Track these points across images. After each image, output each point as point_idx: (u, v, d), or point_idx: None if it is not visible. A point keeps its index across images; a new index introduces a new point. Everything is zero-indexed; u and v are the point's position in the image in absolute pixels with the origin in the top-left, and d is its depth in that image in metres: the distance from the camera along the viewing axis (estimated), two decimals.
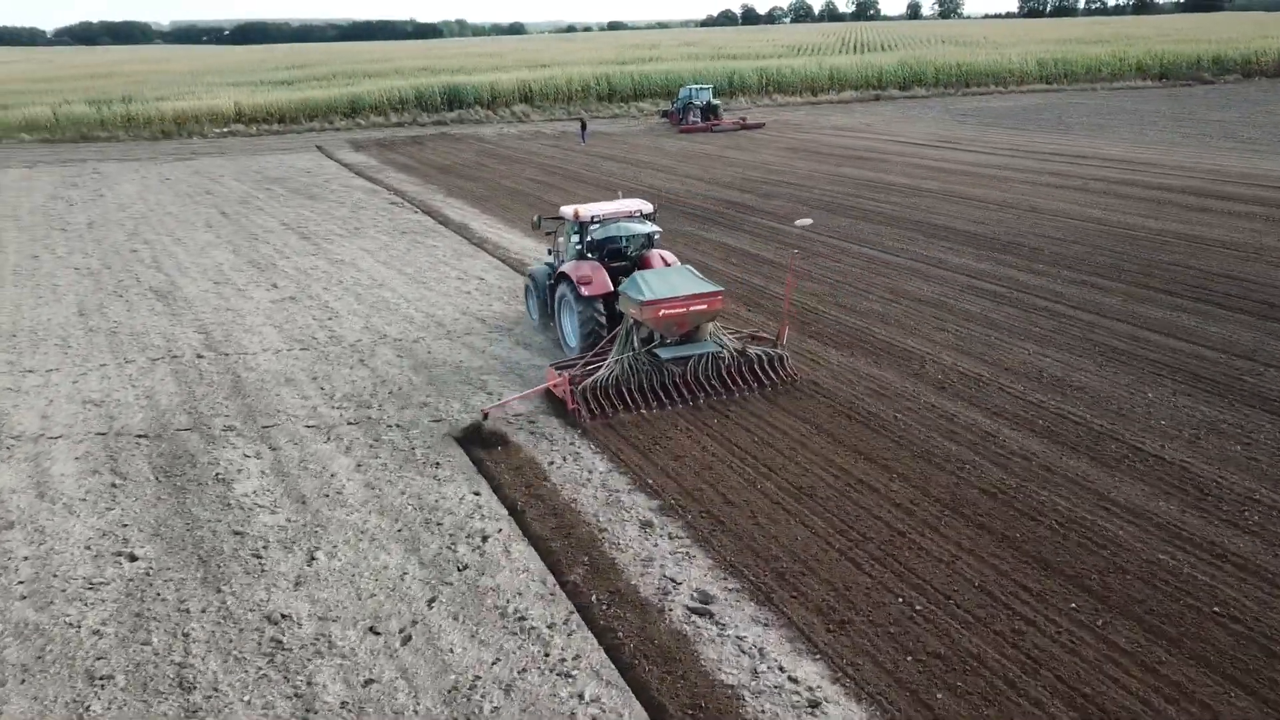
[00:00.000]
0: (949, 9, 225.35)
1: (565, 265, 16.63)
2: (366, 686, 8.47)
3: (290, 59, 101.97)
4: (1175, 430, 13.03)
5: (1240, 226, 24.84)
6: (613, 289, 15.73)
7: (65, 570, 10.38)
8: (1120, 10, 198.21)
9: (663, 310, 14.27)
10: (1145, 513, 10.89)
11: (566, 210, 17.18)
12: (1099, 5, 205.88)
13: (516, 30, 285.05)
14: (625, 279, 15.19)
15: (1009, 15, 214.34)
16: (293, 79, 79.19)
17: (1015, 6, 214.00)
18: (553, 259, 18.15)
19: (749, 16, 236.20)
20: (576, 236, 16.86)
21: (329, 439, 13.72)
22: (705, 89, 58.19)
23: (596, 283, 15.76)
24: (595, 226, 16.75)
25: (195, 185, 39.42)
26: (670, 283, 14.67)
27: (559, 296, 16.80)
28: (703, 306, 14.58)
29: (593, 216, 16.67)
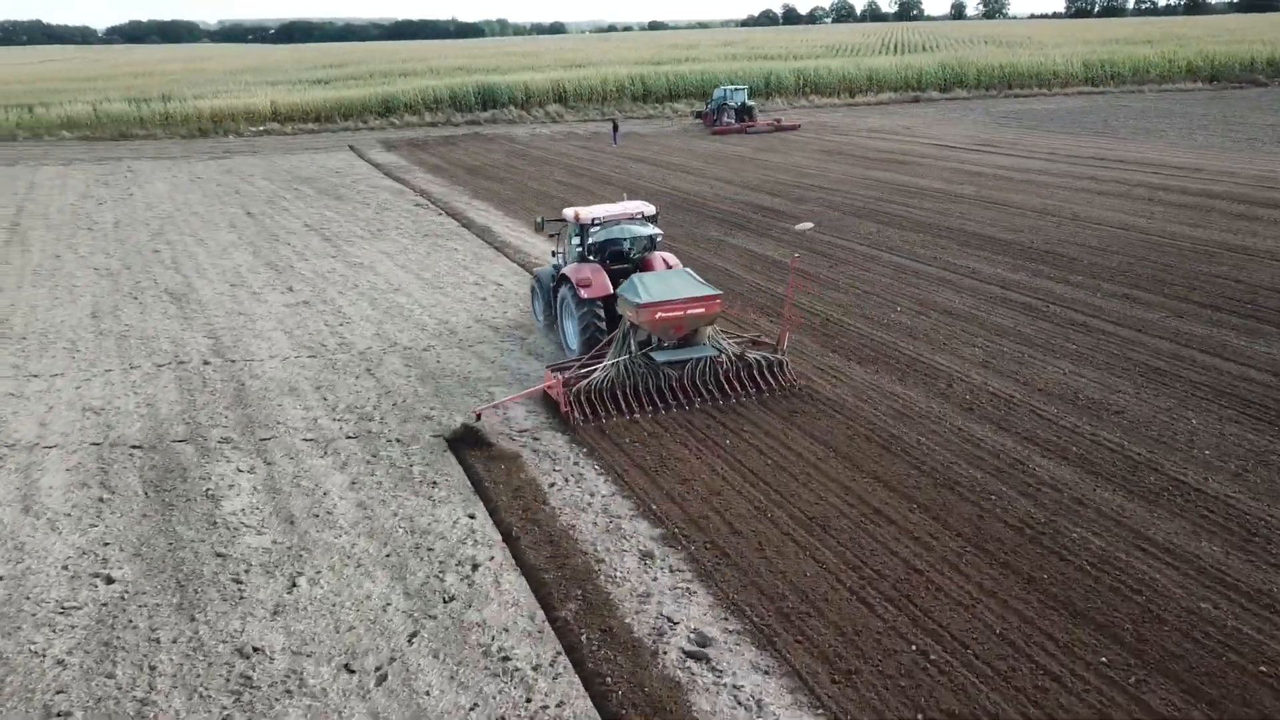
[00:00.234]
0: (993, 9, 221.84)
1: (566, 267, 16.50)
2: None
3: (329, 58, 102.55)
4: (1220, 461, 12.16)
5: None
6: (613, 291, 15.48)
7: (39, 592, 9.97)
8: (1171, 10, 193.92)
9: (659, 313, 14.10)
10: (1186, 554, 10.07)
11: (568, 212, 17.08)
12: (1149, 5, 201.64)
13: (557, 30, 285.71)
14: (624, 281, 14.99)
15: (1055, 15, 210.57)
16: (329, 78, 79.50)
17: (1062, 6, 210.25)
18: (558, 260, 17.98)
19: (790, 16, 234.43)
20: (577, 239, 16.75)
21: (326, 453, 13.24)
22: (740, 90, 57.40)
23: (596, 285, 15.58)
24: (596, 229, 16.61)
25: (225, 184, 39.41)
26: (668, 285, 14.49)
27: (560, 298, 16.64)
28: (700, 310, 14.35)
29: (593, 219, 16.56)
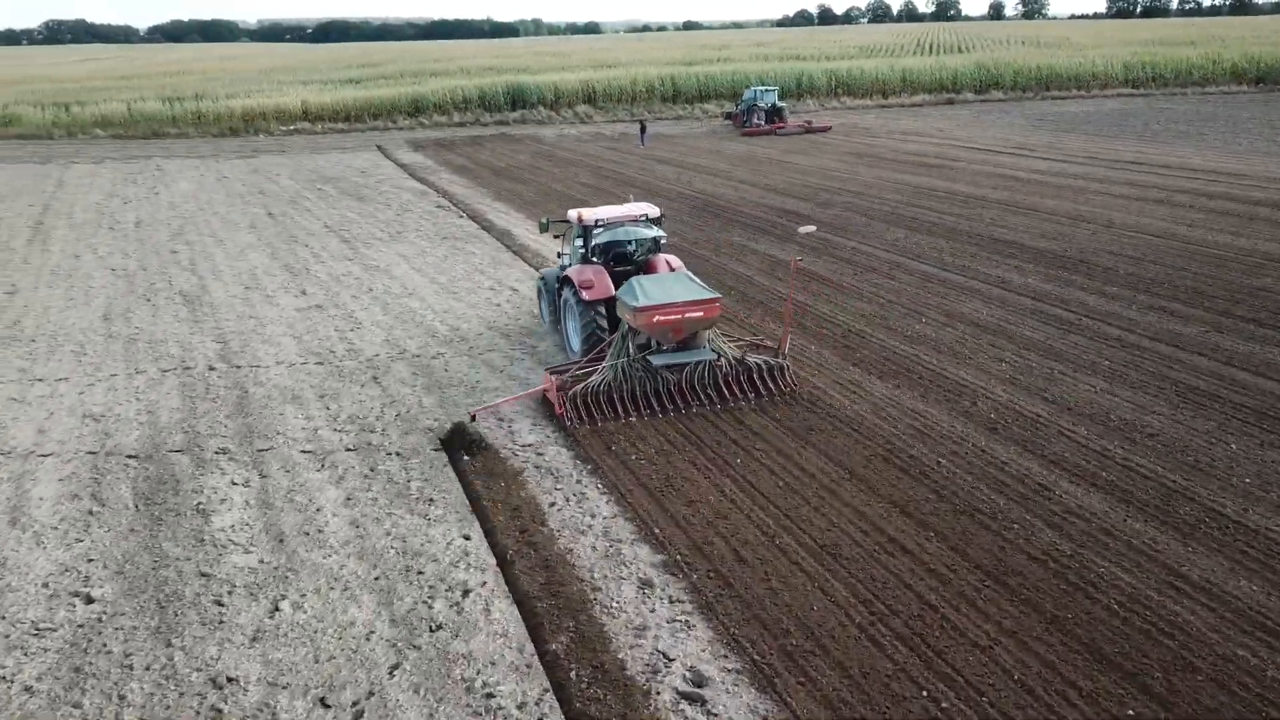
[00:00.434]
0: (1033, 9, 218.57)
1: (569, 269, 16.45)
2: None
3: (361, 58, 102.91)
4: (1262, 490, 11.42)
5: None
6: (614, 293, 15.30)
7: (15, 612, 9.64)
8: (1215, 10, 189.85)
9: (657, 316, 14.01)
10: (1223, 594, 9.38)
11: (571, 214, 17.12)
12: (1193, 5, 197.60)
13: (592, 30, 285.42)
14: (623, 284, 14.93)
15: (1096, 15, 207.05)
16: (361, 77, 79.63)
17: (1103, 6, 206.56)
18: (565, 261, 17.93)
19: (825, 17, 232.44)
20: (580, 240, 16.74)
21: (323, 466, 12.85)
22: (771, 90, 56.66)
23: (598, 287, 15.50)
24: (599, 230, 16.50)
25: (250, 184, 39.37)
26: (667, 288, 14.40)
27: (563, 300, 16.59)
28: (699, 314, 14.22)
29: (596, 220, 16.52)
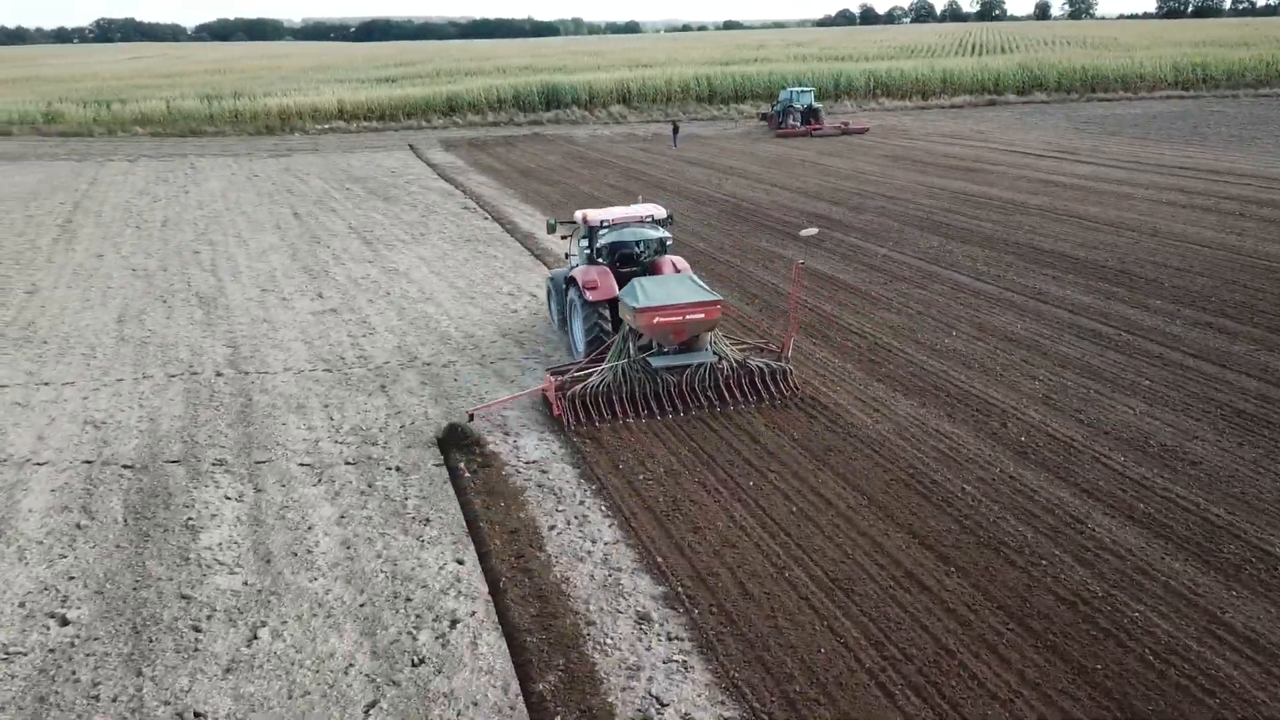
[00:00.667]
0: (1080, 9, 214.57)
1: (575, 270, 16.46)
2: None
3: (399, 56, 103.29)
4: None
5: None
6: (618, 294, 15.23)
7: None
8: (1271, 10, 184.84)
9: (657, 318, 13.93)
10: (1270, 646, 8.61)
11: (578, 214, 17.15)
12: (1246, 5, 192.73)
13: (631, 29, 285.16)
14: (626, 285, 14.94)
15: (1146, 15, 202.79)
16: (397, 76, 79.81)
17: (1153, 6, 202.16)
18: (575, 262, 17.78)
19: (868, 16, 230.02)
20: (586, 241, 16.76)
21: (320, 481, 12.42)
22: (807, 91, 55.78)
23: (602, 288, 15.45)
24: (604, 231, 16.51)
25: (279, 183, 39.33)
26: (668, 290, 14.34)
27: (568, 301, 16.58)
28: (700, 315, 14.11)
29: (602, 221, 16.56)
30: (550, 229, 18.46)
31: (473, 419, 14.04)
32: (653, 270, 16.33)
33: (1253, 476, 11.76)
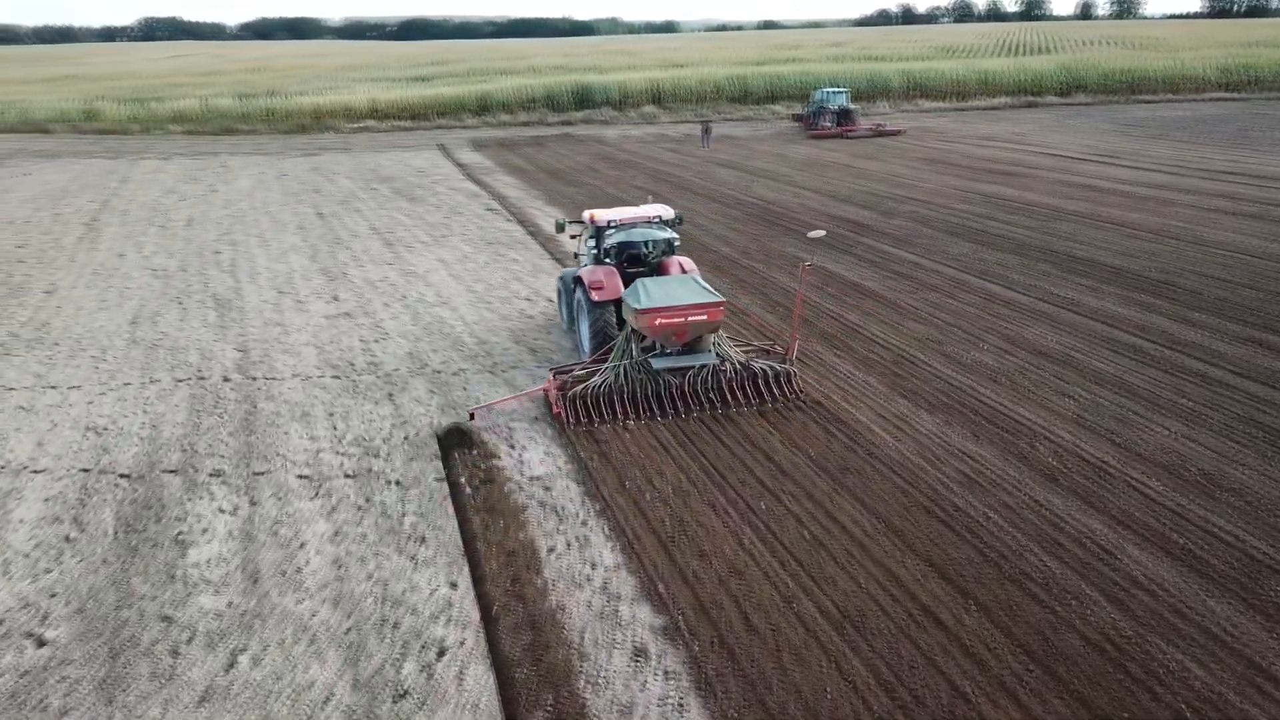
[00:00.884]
0: (1125, 9, 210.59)
1: (582, 270, 16.51)
2: None
3: (434, 55, 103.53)
4: None
5: None
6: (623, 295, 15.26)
7: None
8: None
9: (659, 319, 13.89)
10: None
11: (585, 215, 17.27)
12: None
13: (669, 29, 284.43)
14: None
15: (1193, 15, 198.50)
16: (430, 75, 79.94)
17: (1201, 6, 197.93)
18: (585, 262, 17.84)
19: (908, 16, 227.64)
20: (593, 241, 16.89)
21: (317, 495, 12.04)
22: (841, 92, 54.95)
23: (608, 288, 15.47)
24: (612, 231, 16.55)
25: (307, 182, 39.29)
26: (670, 291, 14.28)
27: (575, 301, 16.67)
28: (702, 317, 14.06)
29: (609, 221, 16.67)
30: (559, 229, 18.55)
31: (474, 418, 14.13)
32: (660, 271, 16.35)
33: None
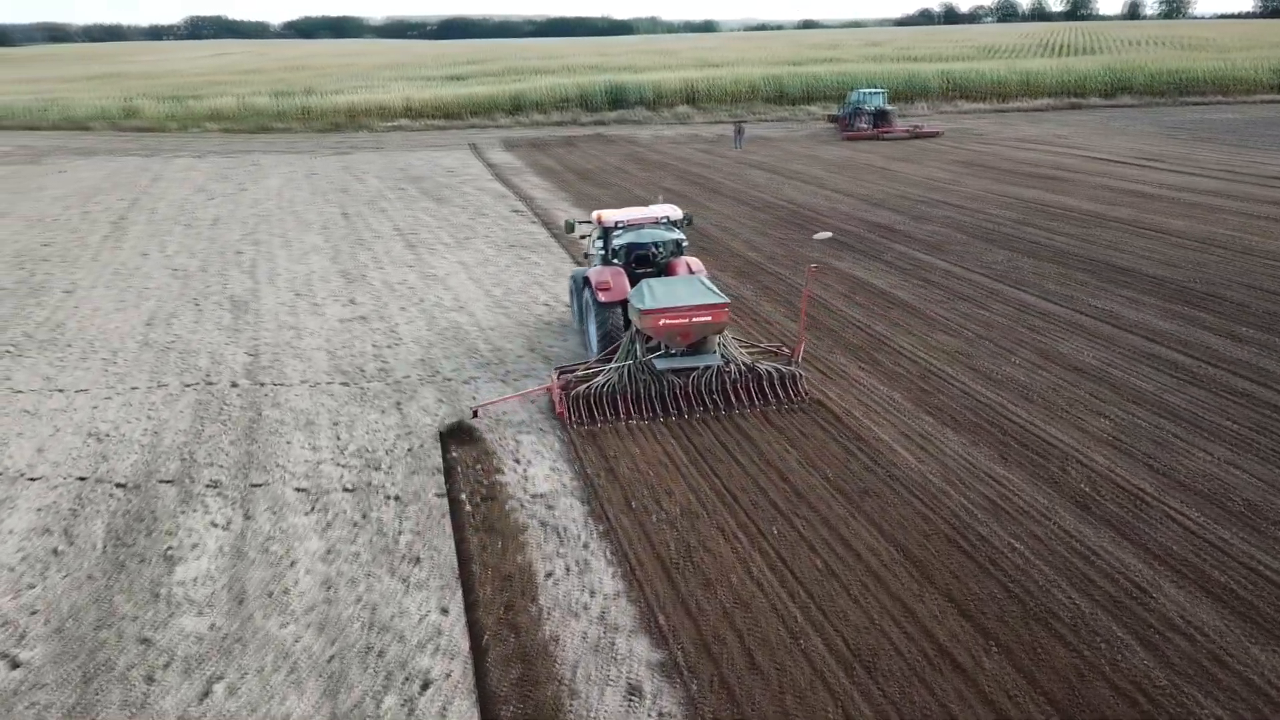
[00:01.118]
0: (1173, 8, 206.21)
1: (590, 270, 16.56)
2: None
3: (470, 54, 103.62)
4: None
5: None
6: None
7: None
8: None
9: (663, 320, 13.90)
10: None
11: (593, 215, 17.32)
12: None
13: (708, 28, 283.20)
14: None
15: (1245, 15, 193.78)
16: (466, 74, 79.93)
17: (1253, 5, 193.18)
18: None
19: (950, 16, 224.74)
20: (600, 241, 16.97)
21: (312, 509, 11.65)
22: (877, 93, 54.02)
23: (615, 288, 15.50)
24: (619, 232, 16.61)
25: (336, 182, 39.20)
26: (675, 292, 14.27)
27: (584, 301, 16.73)
28: (706, 318, 14.04)
29: (616, 222, 16.73)
30: (568, 228, 18.56)
31: (477, 415, 14.19)
32: (668, 271, 16.37)
33: None
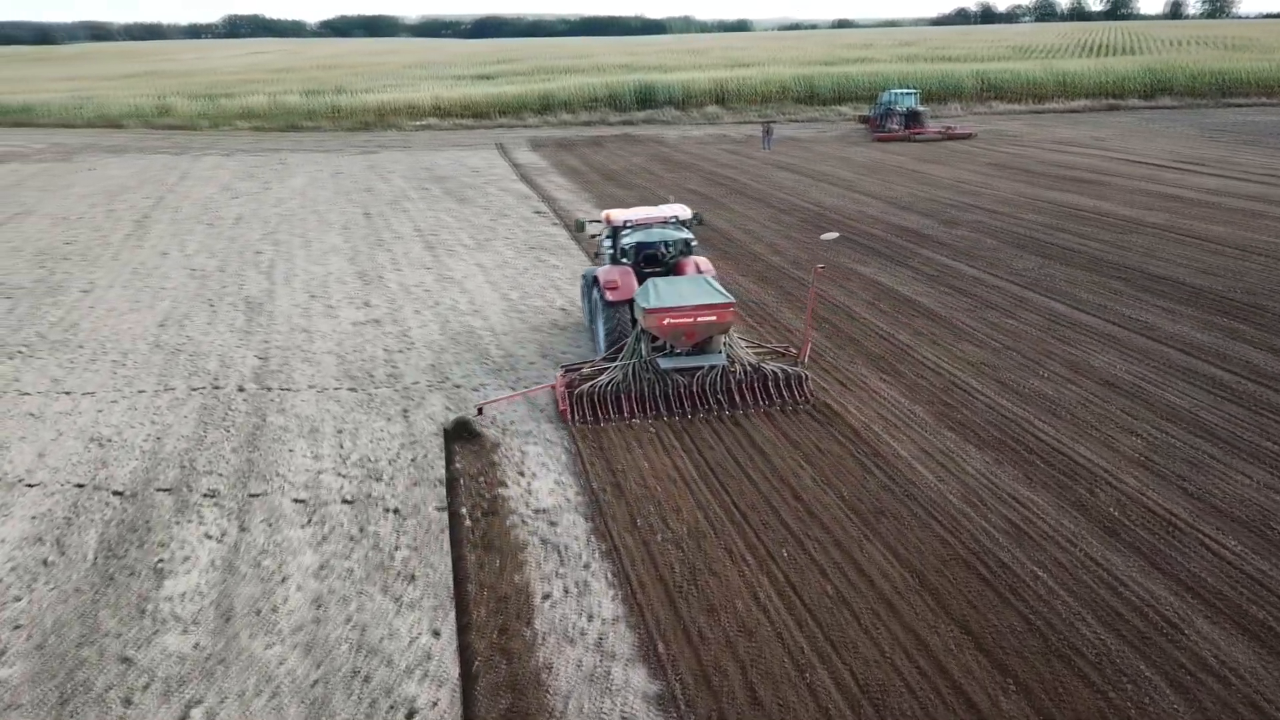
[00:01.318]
0: (1217, 7, 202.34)
1: (599, 269, 16.62)
2: None
3: (500, 54, 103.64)
4: None
5: None
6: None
7: None
8: None
9: (667, 319, 13.92)
10: None
11: (603, 214, 17.48)
12: None
13: (741, 27, 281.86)
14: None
15: None
16: (495, 74, 79.89)
17: None
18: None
19: (987, 15, 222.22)
20: (609, 241, 17.08)
21: (309, 521, 11.34)
22: (910, 94, 53.15)
23: (623, 288, 15.53)
24: (628, 231, 16.72)
25: (360, 181, 39.12)
26: (680, 291, 14.32)
27: (593, 300, 16.81)
28: (711, 318, 14.05)
29: (625, 221, 16.85)
30: (579, 227, 18.69)
31: (481, 412, 14.21)
32: (676, 271, 16.36)
33: None
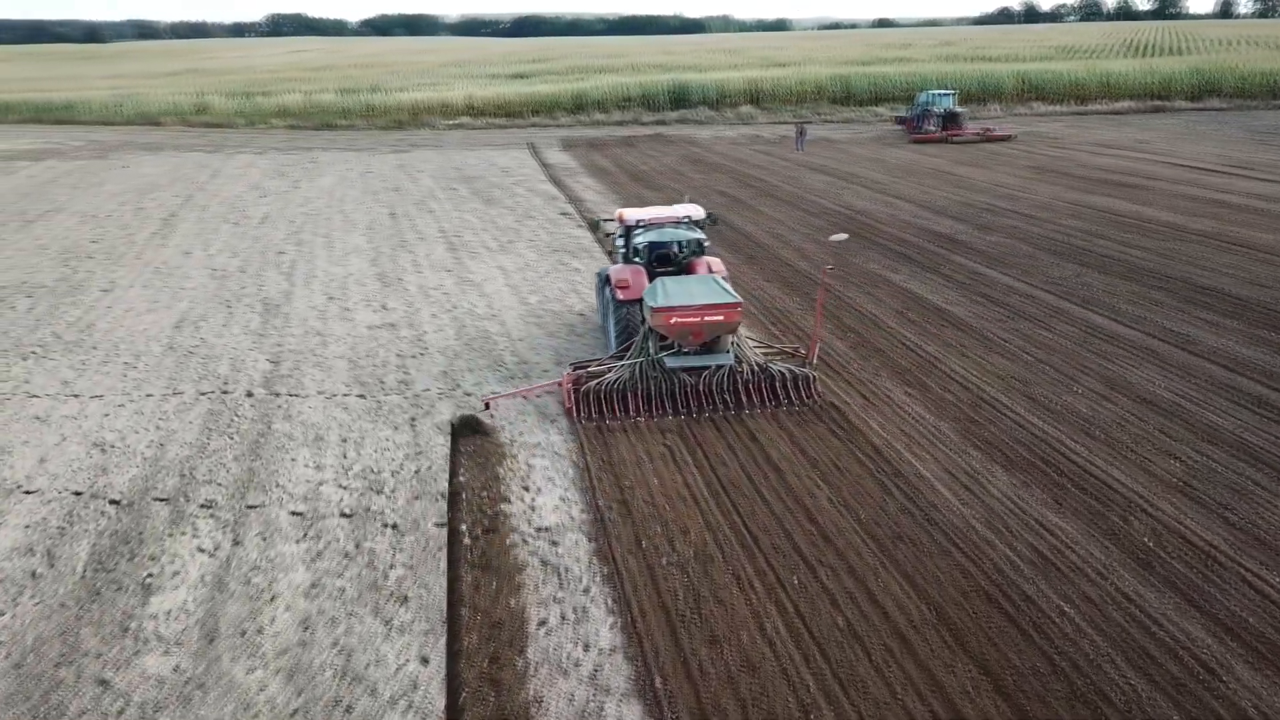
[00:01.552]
0: (1269, 7, 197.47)
1: (611, 268, 16.72)
2: None
3: (536, 53, 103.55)
4: None
5: None
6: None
7: None
8: None
9: (675, 318, 14.00)
10: None
11: (616, 213, 17.60)
12: None
13: (780, 26, 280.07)
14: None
15: None
16: (530, 73, 79.78)
17: None
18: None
19: (1030, 14, 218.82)
20: (622, 240, 17.20)
21: (304, 536, 10.99)
22: (947, 95, 52.11)
23: (634, 287, 15.61)
24: (640, 231, 16.82)
25: (390, 181, 39.00)
26: (688, 291, 14.36)
27: (605, 298, 16.94)
28: (719, 317, 14.10)
29: (638, 220, 16.98)
30: (594, 227, 18.52)
31: (488, 408, 14.31)
32: (688, 271, 16.40)
33: None
